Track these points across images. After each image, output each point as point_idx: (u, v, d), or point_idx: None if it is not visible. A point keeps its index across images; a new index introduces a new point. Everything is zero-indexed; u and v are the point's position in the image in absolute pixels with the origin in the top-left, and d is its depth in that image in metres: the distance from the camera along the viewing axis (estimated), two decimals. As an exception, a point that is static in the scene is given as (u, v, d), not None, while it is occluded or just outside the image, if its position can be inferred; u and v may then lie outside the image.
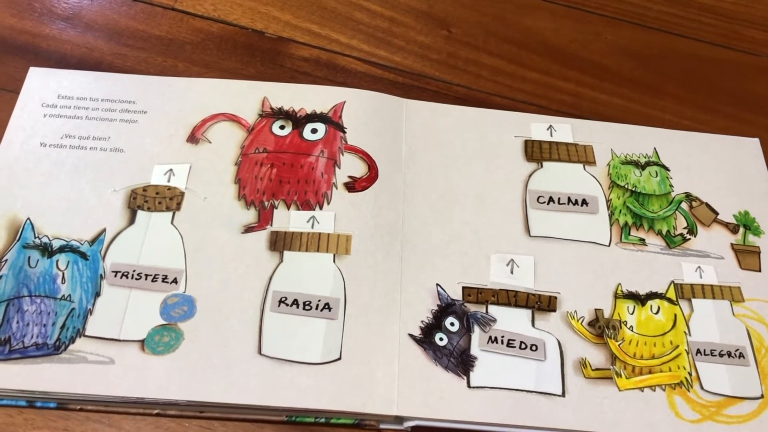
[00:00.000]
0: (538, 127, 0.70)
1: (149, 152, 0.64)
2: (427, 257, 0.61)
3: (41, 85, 0.67)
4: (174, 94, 0.67)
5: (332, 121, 0.67)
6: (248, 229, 0.60)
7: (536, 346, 0.57)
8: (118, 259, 0.58)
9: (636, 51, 0.78)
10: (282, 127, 0.66)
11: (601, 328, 0.59)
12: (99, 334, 0.54)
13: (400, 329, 0.57)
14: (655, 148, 0.69)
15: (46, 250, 0.57)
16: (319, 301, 0.57)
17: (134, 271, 0.57)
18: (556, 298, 0.60)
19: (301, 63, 0.73)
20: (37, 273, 0.56)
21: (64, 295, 0.56)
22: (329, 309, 0.57)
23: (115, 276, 0.57)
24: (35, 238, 0.58)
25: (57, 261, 0.57)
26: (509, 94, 0.73)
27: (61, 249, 0.58)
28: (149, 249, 0.59)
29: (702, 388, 0.57)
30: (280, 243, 0.60)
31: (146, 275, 0.57)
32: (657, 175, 0.68)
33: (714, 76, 0.77)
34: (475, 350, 0.57)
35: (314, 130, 0.66)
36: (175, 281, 0.57)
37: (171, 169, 0.63)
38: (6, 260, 0.57)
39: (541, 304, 0.59)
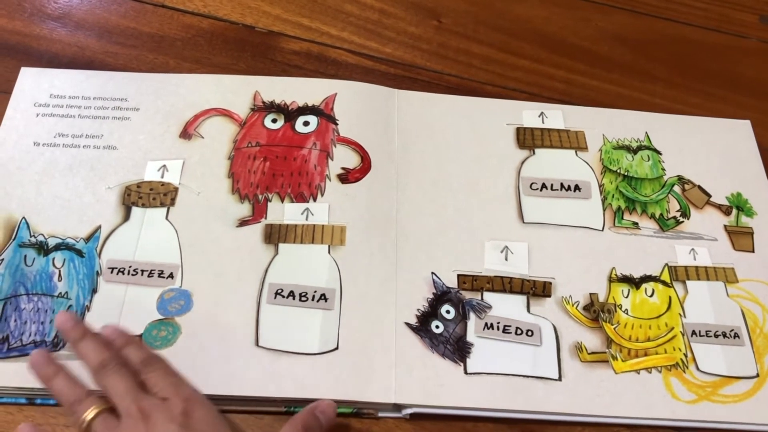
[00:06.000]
0: (530, 114, 0.70)
1: (142, 149, 0.64)
2: (422, 246, 0.61)
3: (33, 84, 0.67)
4: (166, 90, 0.67)
5: (324, 113, 0.67)
6: (243, 223, 0.61)
7: (532, 332, 0.58)
8: (114, 256, 0.58)
9: (626, 36, 0.79)
10: (274, 121, 0.66)
11: (596, 312, 0.59)
12: (97, 331, 0.55)
13: (397, 318, 0.57)
14: (646, 132, 0.70)
15: (42, 249, 0.58)
16: (315, 292, 0.58)
17: (130, 267, 0.58)
18: (550, 283, 0.60)
19: (292, 56, 0.73)
20: (33, 271, 0.57)
21: (61, 293, 0.56)
22: (325, 300, 0.57)
23: (111, 272, 0.57)
24: (31, 236, 0.58)
25: (53, 259, 0.57)
26: (500, 83, 0.73)
27: (57, 247, 0.58)
28: (144, 245, 0.59)
29: (698, 368, 0.57)
30: (275, 235, 0.60)
31: (142, 271, 0.58)
32: (649, 159, 0.68)
33: (704, 59, 0.78)
34: (471, 337, 0.57)
35: (306, 123, 0.66)
36: (171, 276, 0.57)
37: (164, 165, 0.63)
38: (2, 259, 0.57)
39: (536, 290, 0.60)
